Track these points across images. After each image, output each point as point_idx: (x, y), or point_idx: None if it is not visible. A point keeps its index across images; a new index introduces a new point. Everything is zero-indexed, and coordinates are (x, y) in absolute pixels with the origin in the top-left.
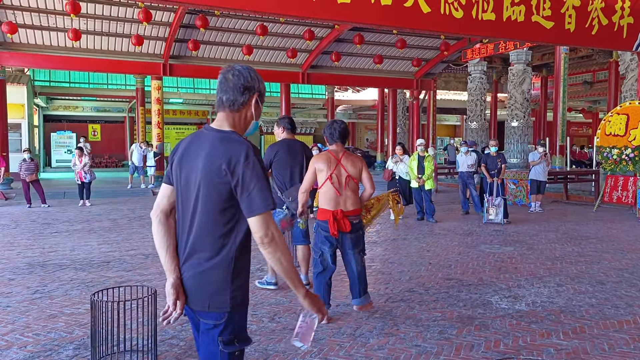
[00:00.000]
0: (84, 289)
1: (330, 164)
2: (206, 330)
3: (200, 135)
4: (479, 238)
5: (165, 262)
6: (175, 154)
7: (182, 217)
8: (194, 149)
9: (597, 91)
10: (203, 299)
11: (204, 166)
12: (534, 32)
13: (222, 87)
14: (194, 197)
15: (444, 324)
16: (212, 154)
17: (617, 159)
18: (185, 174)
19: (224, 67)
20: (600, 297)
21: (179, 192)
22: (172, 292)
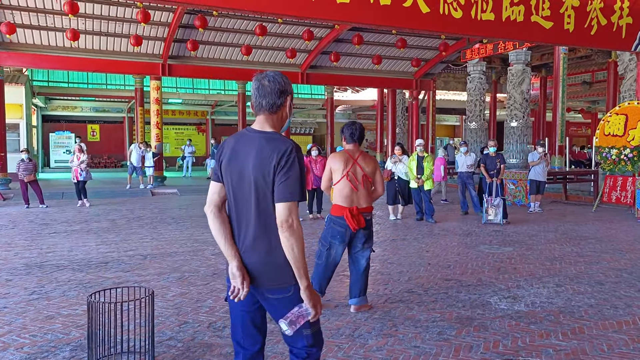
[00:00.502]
0: (81, 289)
1: (348, 163)
2: (279, 303)
3: (245, 136)
4: (478, 238)
5: (226, 249)
6: (223, 154)
7: (237, 210)
8: (242, 149)
9: (596, 91)
10: (272, 278)
11: (255, 164)
12: (533, 32)
13: (260, 93)
14: (249, 192)
15: (443, 324)
16: (262, 152)
17: (616, 159)
18: (237, 172)
19: (257, 74)
20: (599, 298)
21: (232, 188)
22: (239, 273)
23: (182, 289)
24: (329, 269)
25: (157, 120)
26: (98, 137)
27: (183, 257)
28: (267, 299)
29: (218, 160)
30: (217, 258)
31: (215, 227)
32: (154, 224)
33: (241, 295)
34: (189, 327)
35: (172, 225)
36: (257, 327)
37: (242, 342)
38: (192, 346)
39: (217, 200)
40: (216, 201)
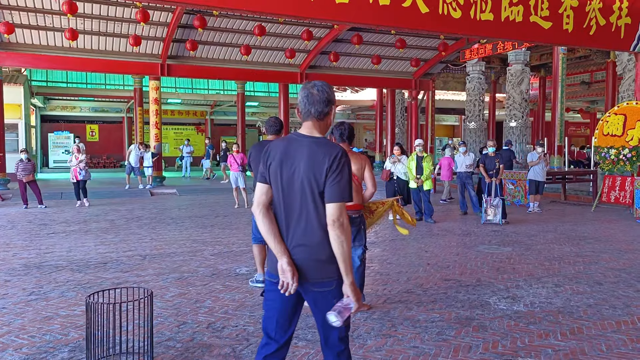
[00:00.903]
0: (80, 290)
1: None
2: (322, 296)
3: (294, 140)
4: (477, 238)
5: (275, 246)
6: (271, 157)
7: (285, 210)
8: (293, 153)
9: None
10: (318, 273)
11: (307, 167)
12: (532, 32)
13: (310, 101)
14: (299, 193)
15: (442, 325)
16: (314, 156)
17: (615, 159)
18: (287, 174)
19: (305, 83)
20: (598, 298)
21: (281, 189)
22: (289, 268)
23: (181, 290)
24: None
25: (156, 120)
26: (97, 137)
27: (182, 257)
28: (310, 293)
29: (265, 163)
30: (215, 259)
31: (265, 226)
32: (153, 224)
33: (291, 289)
34: (188, 327)
35: (171, 225)
36: (290, 320)
37: (273, 334)
38: (191, 347)
39: (266, 201)
40: (265, 202)
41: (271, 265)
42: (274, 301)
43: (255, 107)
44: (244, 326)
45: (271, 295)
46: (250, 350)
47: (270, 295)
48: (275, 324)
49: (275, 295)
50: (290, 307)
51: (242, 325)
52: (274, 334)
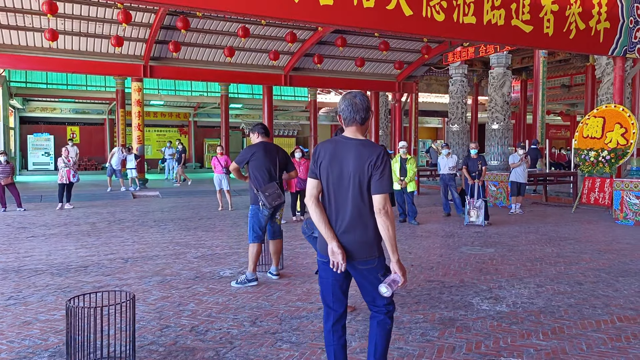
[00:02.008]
0: (60, 294)
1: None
2: (367, 271)
3: (341, 142)
4: (460, 240)
5: (326, 232)
6: (321, 156)
7: (335, 201)
8: (341, 153)
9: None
10: (363, 253)
11: (356, 164)
12: (513, 36)
13: (355, 109)
14: (347, 187)
15: (426, 326)
16: (361, 155)
17: (594, 161)
18: (337, 170)
19: (346, 94)
20: (578, 297)
21: (331, 183)
22: (340, 251)
23: (164, 293)
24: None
25: (139, 122)
26: (78, 139)
27: (165, 260)
28: (357, 269)
29: (316, 162)
30: (199, 261)
31: (317, 215)
32: (135, 227)
33: (342, 267)
34: (171, 331)
35: (153, 228)
36: (343, 293)
37: (331, 304)
38: (174, 350)
39: (316, 194)
40: (316, 194)
41: (322, 247)
42: (327, 278)
43: (239, 109)
44: (228, 329)
45: (324, 273)
46: (234, 353)
47: (323, 273)
48: (332, 296)
49: (328, 272)
50: (342, 281)
51: (226, 328)
52: (332, 304)
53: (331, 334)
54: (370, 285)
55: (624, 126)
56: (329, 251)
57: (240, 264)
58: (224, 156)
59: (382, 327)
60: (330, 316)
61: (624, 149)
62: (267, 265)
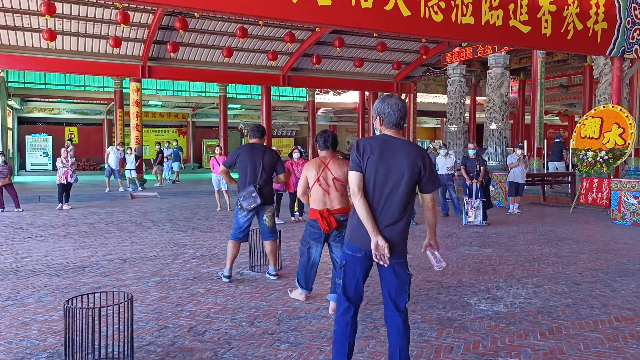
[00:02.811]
0: (58, 295)
1: (319, 168)
2: (399, 266)
3: (387, 140)
4: (458, 240)
5: (372, 226)
6: (367, 152)
7: (378, 196)
8: (389, 151)
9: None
10: (400, 247)
11: (406, 162)
12: (511, 36)
13: (402, 114)
14: (395, 183)
15: (424, 326)
16: (410, 154)
17: (592, 161)
18: (385, 168)
19: (387, 98)
20: (576, 298)
21: (377, 179)
22: (386, 244)
23: (162, 293)
24: (310, 267)
25: (137, 122)
26: (76, 140)
27: (163, 260)
28: (390, 265)
29: (362, 156)
30: (197, 262)
31: (364, 209)
32: (134, 227)
33: (387, 260)
34: (169, 331)
35: (152, 228)
36: (362, 285)
37: (352, 298)
38: (172, 351)
39: (362, 187)
40: (362, 187)
41: (358, 240)
42: (355, 271)
43: (237, 109)
44: (226, 330)
45: (354, 266)
46: (232, 353)
47: (352, 267)
48: (354, 290)
49: (357, 266)
50: (366, 275)
51: (224, 328)
52: (353, 297)
53: (349, 327)
54: (398, 281)
55: (621, 126)
56: (372, 245)
57: (239, 264)
58: (223, 156)
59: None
60: (350, 310)
61: (621, 149)
62: (265, 266)
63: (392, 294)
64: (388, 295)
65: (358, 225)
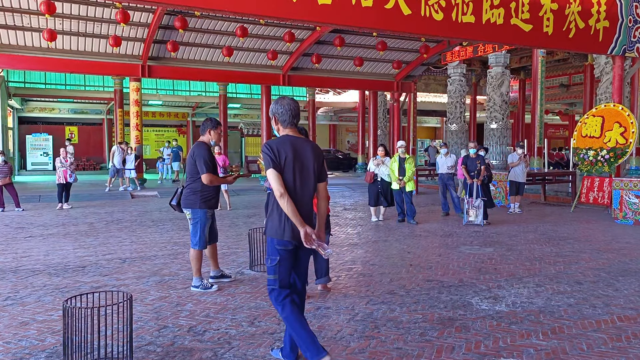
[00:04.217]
0: (57, 294)
1: None
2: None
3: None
4: (459, 239)
5: (299, 220)
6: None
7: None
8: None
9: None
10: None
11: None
12: (512, 35)
13: (294, 113)
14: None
15: (425, 325)
16: (314, 151)
17: (593, 161)
18: (299, 165)
19: (281, 99)
20: (578, 297)
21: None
22: (313, 231)
23: (162, 293)
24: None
25: (137, 122)
26: (76, 139)
27: (163, 260)
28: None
29: (279, 158)
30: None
31: (291, 206)
32: (134, 227)
33: (315, 243)
34: (169, 331)
35: (151, 228)
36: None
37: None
38: (172, 351)
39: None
40: (285, 187)
41: (287, 234)
42: (288, 263)
43: (237, 109)
44: (226, 329)
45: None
46: (232, 353)
47: (286, 258)
48: (288, 276)
49: (290, 258)
50: (295, 263)
51: (224, 328)
52: (288, 283)
53: (293, 305)
54: (307, 260)
55: (623, 125)
56: (302, 235)
57: (239, 264)
58: (222, 156)
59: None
60: (291, 294)
61: (623, 148)
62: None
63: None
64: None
65: (283, 222)
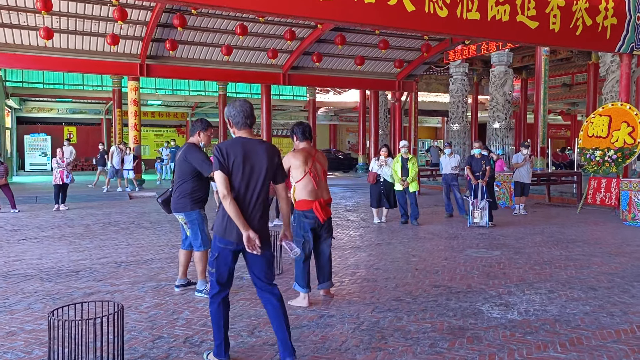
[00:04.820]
0: (48, 301)
1: (308, 161)
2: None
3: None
4: (464, 242)
5: (243, 223)
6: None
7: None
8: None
9: (575, 93)
10: (266, 234)
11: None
12: (518, 32)
13: (246, 114)
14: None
15: (435, 335)
16: (266, 152)
17: (600, 161)
18: (249, 168)
19: (234, 102)
20: (594, 304)
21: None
22: (257, 235)
23: (158, 300)
24: (308, 262)
25: (135, 122)
26: (75, 140)
27: (160, 264)
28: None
29: (227, 160)
30: (195, 265)
31: (234, 208)
32: (131, 229)
33: (259, 250)
34: (164, 342)
35: (149, 230)
36: (234, 271)
37: (226, 284)
38: None
39: (230, 189)
40: (230, 189)
41: (231, 235)
42: (227, 262)
43: None
44: None
45: (226, 257)
46: None
47: (225, 258)
48: (226, 277)
49: (229, 257)
50: (235, 262)
51: None
52: (225, 283)
53: (221, 306)
54: (267, 262)
55: (630, 124)
56: (245, 239)
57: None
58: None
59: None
60: (221, 293)
61: (631, 148)
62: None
63: (262, 276)
64: (258, 277)
65: (229, 222)
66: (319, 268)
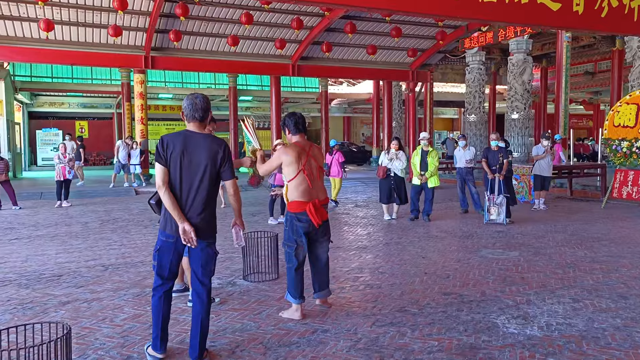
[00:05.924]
0: (19, 312)
1: (302, 157)
2: (207, 246)
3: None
4: (479, 241)
5: (179, 215)
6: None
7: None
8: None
9: (598, 82)
10: (210, 231)
11: (207, 155)
12: (539, 15)
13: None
14: (199, 175)
15: (442, 356)
16: (211, 147)
17: (627, 152)
18: (188, 160)
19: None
20: (625, 317)
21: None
22: (192, 229)
23: (137, 310)
24: (301, 269)
25: (142, 115)
26: (87, 134)
27: (149, 267)
28: (200, 245)
29: (165, 152)
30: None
31: (170, 200)
32: (129, 227)
33: (194, 243)
34: None
35: (147, 228)
36: (176, 265)
37: (166, 277)
38: None
39: (167, 180)
40: (167, 181)
41: (170, 228)
42: (169, 255)
43: (249, 101)
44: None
45: (167, 250)
46: None
47: (166, 251)
48: (168, 271)
49: (170, 250)
50: (178, 258)
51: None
52: (167, 277)
53: (162, 300)
54: (205, 258)
55: None
56: (180, 231)
57: (232, 272)
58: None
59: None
60: (163, 286)
61: None
62: (262, 274)
63: (198, 271)
64: (194, 271)
65: (169, 215)
66: (314, 275)
